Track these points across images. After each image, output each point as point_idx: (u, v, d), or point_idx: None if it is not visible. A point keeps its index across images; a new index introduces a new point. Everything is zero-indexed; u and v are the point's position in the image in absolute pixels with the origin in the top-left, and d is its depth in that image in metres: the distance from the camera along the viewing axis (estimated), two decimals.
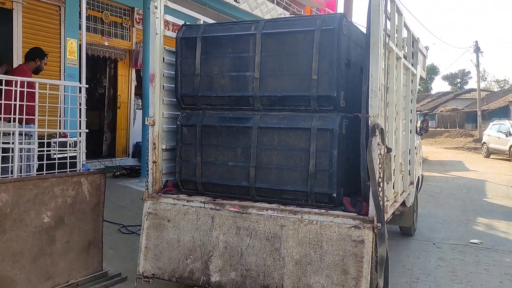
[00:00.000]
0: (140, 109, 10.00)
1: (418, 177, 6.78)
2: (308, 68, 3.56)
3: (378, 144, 3.30)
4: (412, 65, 5.45)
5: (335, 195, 3.52)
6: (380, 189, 3.31)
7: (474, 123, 33.30)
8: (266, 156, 3.75)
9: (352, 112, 3.81)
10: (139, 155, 9.39)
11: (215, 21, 4.93)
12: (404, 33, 4.90)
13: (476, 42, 30.55)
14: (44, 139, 4.81)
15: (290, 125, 3.67)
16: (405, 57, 4.84)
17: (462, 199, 9.98)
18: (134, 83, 10.09)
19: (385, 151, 3.45)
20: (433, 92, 57.35)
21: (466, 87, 57.55)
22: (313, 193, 3.58)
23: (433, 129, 36.28)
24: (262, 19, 10.03)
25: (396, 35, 4.22)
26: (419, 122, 7.22)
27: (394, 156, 4.23)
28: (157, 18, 4.07)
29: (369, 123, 3.31)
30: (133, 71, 9.97)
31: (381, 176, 3.34)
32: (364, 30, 3.65)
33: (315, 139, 3.56)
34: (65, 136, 5.90)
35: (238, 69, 3.84)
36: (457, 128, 35.76)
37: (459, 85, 62.93)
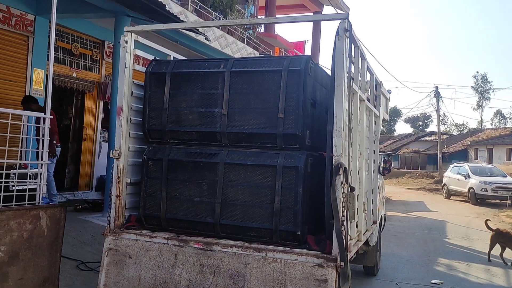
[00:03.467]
0: (106, 142, 9.86)
1: (381, 216, 6.89)
2: (275, 106, 3.65)
3: (342, 183, 3.37)
4: (375, 107, 5.65)
5: (299, 233, 3.53)
6: (343, 227, 3.35)
7: (435, 164, 34.38)
8: (232, 192, 3.76)
9: (318, 151, 3.90)
10: (103, 189, 9.17)
11: (185, 58, 5.00)
12: (368, 77, 5.11)
13: (436, 87, 31.84)
14: (3, 170, 4.67)
15: (256, 162, 3.71)
16: (368, 100, 5.03)
17: (423, 239, 10.16)
18: (101, 115, 9.98)
19: (349, 190, 3.52)
20: (396, 133, 59.31)
21: (427, 129, 59.91)
22: (277, 231, 3.58)
23: (396, 170, 37.22)
24: (232, 57, 10.25)
25: (359, 78, 4.39)
26: (382, 163, 7.41)
27: (358, 195, 4.32)
28: (127, 52, 4.10)
29: (333, 162, 3.38)
30: (101, 103, 9.88)
31: (345, 215, 3.39)
32: (329, 72, 3.80)
33: (280, 177, 3.60)
34: (26, 168, 5.73)
35: (206, 105, 3.89)
36: (419, 169, 36.78)
37: (420, 127, 65.38)
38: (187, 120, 3.96)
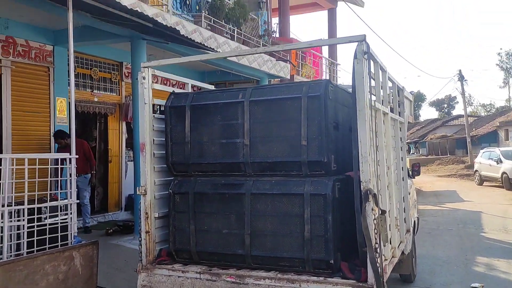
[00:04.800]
0: (131, 161, 9.95)
1: (414, 221, 6.74)
2: (297, 134, 3.59)
3: (372, 209, 3.29)
4: (399, 113, 5.51)
5: (332, 262, 3.47)
6: (377, 255, 3.27)
7: (465, 149, 33.57)
8: (261, 222, 3.72)
9: (344, 171, 3.82)
10: (132, 208, 9.27)
11: (201, 84, 4.99)
12: (389, 84, 4.99)
13: (460, 71, 31.05)
14: (34, 206, 4.74)
15: (282, 191, 3.66)
16: (391, 110, 4.90)
17: (459, 235, 9.91)
18: (124, 136, 10.08)
19: (380, 213, 3.43)
20: (421, 119, 58.21)
21: (454, 112, 58.65)
22: (310, 260, 3.52)
23: (425, 157, 36.55)
24: (249, 67, 10.16)
25: (381, 93, 4.28)
26: (409, 164, 7.24)
27: (389, 210, 4.22)
28: (145, 88, 4.10)
29: (362, 188, 3.30)
30: (124, 123, 9.99)
31: (378, 241, 3.31)
32: (350, 84, 3.68)
33: (308, 205, 3.54)
34: (56, 199, 5.82)
35: (228, 136, 3.86)
36: (448, 155, 35.98)
37: (446, 110, 63.97)
38: (210, 152, 3.94)
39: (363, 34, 3.30)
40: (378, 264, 3.25)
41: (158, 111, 4.43)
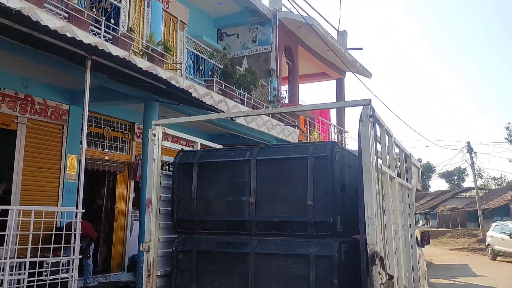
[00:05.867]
0: (137, 221, 9.88)
1: None
2: (303, 193, 3.59)
3: (379, 273, 3.20)
4: (407, 180, 5.50)
5: None
6: None
7: (476, 221, 32.83)
8: (265, 284, 3.63)
9: (351, 234, 3.76)
10: (135, 269, 9.07)
11: (210, 144, 5.07)
12: (396, 150, 5.03)
13: (468, 143, 31.12)
14: (36, 259, 4.68)
15: (287, 251, 3.60)
16: (399, 175, 4.91)
17: None
18: (132, 195, 10.09)
19: (387, 278, 3.34)
20: (431, 190, 57.53)
21: (464, 184, 57.95)
22: None
23: (436, 229, 35.68)
24: (258, 130, 10.35)
25: (388, 157, 4.31)
26: (419, 235, 7.10)
27: (397, 278, 4.09)
28: (155, 145, 4.19)
29: (368, 251, 3.24)
30: (132, 183, 10.04)
31: None
32: (356, 148, 3.72)
33: (314, 267, 3.46)
34: (59, 255, 5.75)
35: (234, 194, 3.87)
36: (460, 228, 35.14)
37: (456, 182, 63.35)
38: (215, 209, 3.94)
39: (368, 98, 3.40)
40: None
41: (167, 169, 4.50)
